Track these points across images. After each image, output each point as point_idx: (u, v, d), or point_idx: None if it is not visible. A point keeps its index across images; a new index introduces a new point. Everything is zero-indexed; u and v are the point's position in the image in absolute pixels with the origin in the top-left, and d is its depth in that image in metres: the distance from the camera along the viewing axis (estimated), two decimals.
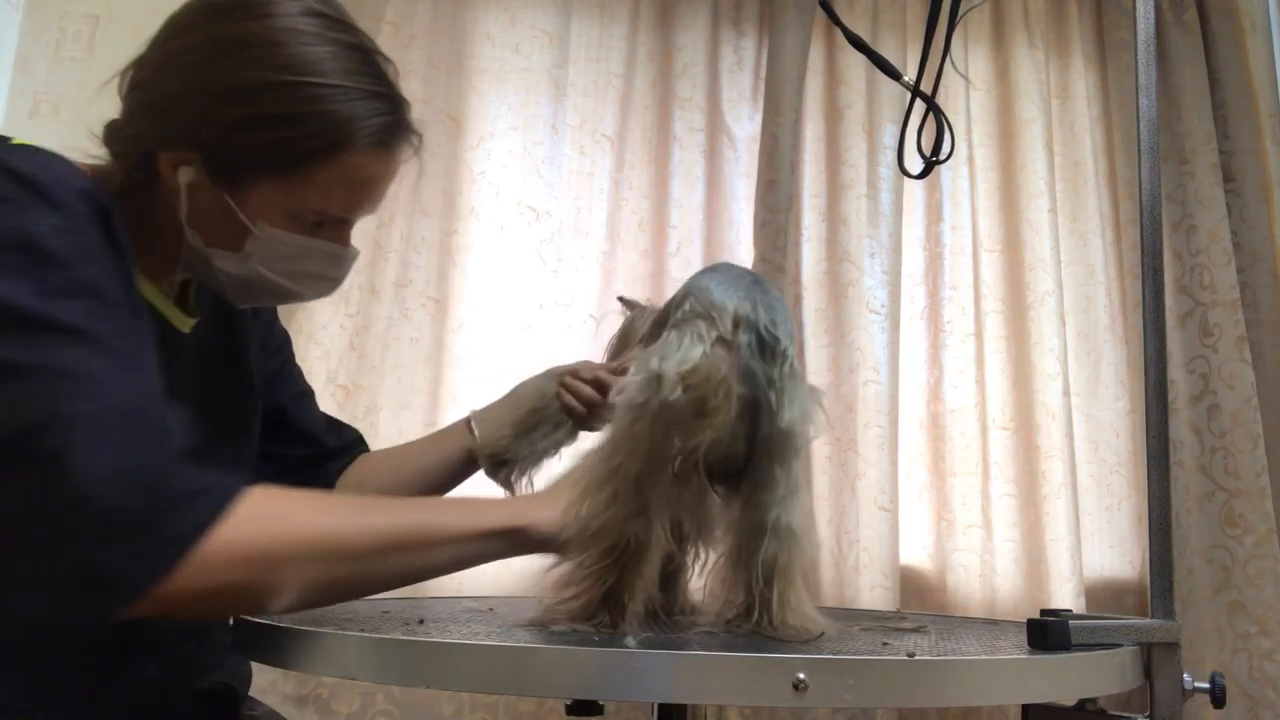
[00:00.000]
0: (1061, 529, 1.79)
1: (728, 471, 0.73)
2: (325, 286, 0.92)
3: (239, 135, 0.80)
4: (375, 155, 0.85)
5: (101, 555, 0.62)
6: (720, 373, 0.70)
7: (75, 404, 0.64)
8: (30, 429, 0.63)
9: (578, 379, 1.07)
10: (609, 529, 0.71)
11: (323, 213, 0.85)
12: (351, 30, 0.85)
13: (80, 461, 0.62)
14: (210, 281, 0.89)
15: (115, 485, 0.63)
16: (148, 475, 0.65)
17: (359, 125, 0.82)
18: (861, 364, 1.83)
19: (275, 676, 1.54)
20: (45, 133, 1.66)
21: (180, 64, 0.81)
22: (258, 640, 0.74)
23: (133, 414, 0.67)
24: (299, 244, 0.85)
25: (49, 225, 0.68)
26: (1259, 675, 1.80)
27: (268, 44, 0.80)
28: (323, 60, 0.81)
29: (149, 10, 0.87)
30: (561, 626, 0.71)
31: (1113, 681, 0.72)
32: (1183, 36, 2.08)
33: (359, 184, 0.86)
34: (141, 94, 0.83)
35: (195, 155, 0.81)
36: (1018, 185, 1.97)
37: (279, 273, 0.86)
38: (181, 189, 0.82)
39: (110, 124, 0.85)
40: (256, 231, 0.83)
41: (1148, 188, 0.85)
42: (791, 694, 0.58)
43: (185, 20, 0.83)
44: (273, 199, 0.83)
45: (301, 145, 0.81)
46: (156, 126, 0.82)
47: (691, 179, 1.90)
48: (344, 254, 0.90)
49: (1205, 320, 1.96)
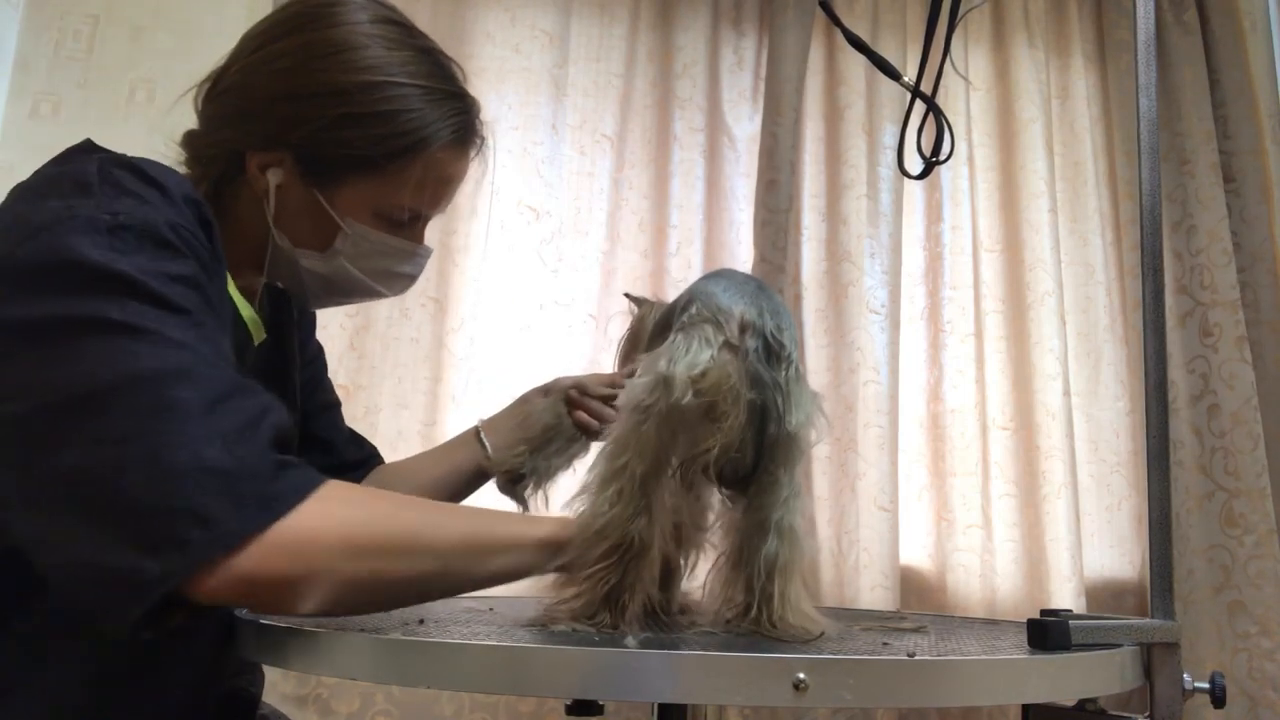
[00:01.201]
0: (1061, 529, 1.79)
1: (736, 475, 0.74)
2: (403, 284, 0.96)
3: (331, 134, 0.84)
4: (454, 153, 0.90)
5: (198, 500, 0.61)
6: (730, 378, 0.71)
7: (186, 365, 0.65)
8: (140, 379, 0.63)
9: (587, 394, 1.07)
10: (612, 528, 0.72)
11: (408, 208, 0.89)
12: (421, 36, 0.91)
13: (186, 417, 0.63)
14: (292, 284, 0.93)
15: (214, 443, 0.63)
16: (245, 441, 0.65)
17: (441, 124, 0.87)
18: (861, 364, 1.83)
19: (275, 676, 1.54)
20: (45, 133, 1.67)
21: (269, 70, 0.85)
22: (258, 640, 0.74)
23: (237, 389, 0.67)
24: (384, 241, 0.90)
25: (167, 220, 0.70)
26: (1259, 675, 1.80)
27: (353, 48, 0.85)
28: (404, 63, 0.86)
29: (149, 10, 0.88)
30: (562, 626, 0.72)
31: (1113, 681, 0.72)
32: (1183, 36, 2.08)
33: (440, 181, 0.90)
34: (228, 100, 0.87)
35: (286, 155, 0.85)
36: (1018, 185, 1.97)
37: (365, 270, 0.91)
38: (270, 190, 0.85)
39: (190, 133, 0.89)
40: (346, 229, 0.87)
41: (1148, 188, 0.85)
42: (791, 694, 0.58)
43: (269, 31, 0.88)
44: (362, 196, 0.87)
45: (390, 143, 0.85)
46: (246, 130, 0.86)
47: (691, 179, 1.90)
48: (421, 252, 0.94)
49: (1205, 320, 1.96)
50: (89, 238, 0.66)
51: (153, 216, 0.69)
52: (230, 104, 0.87)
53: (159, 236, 0.69)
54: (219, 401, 0.65)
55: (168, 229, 0.70)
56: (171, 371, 0.64)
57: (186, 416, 0.63)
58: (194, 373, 0.65)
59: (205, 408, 0.64)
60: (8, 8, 1.69)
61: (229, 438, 0.64)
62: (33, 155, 0.78)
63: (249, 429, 0.66)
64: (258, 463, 0.65)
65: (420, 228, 0.94)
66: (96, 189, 0.69)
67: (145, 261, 0.67)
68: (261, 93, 0.85)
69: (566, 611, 0.73)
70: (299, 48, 0.85)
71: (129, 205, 0.69)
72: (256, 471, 0.64)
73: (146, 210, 0.70)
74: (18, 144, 1.64)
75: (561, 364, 1.78)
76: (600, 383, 1.08)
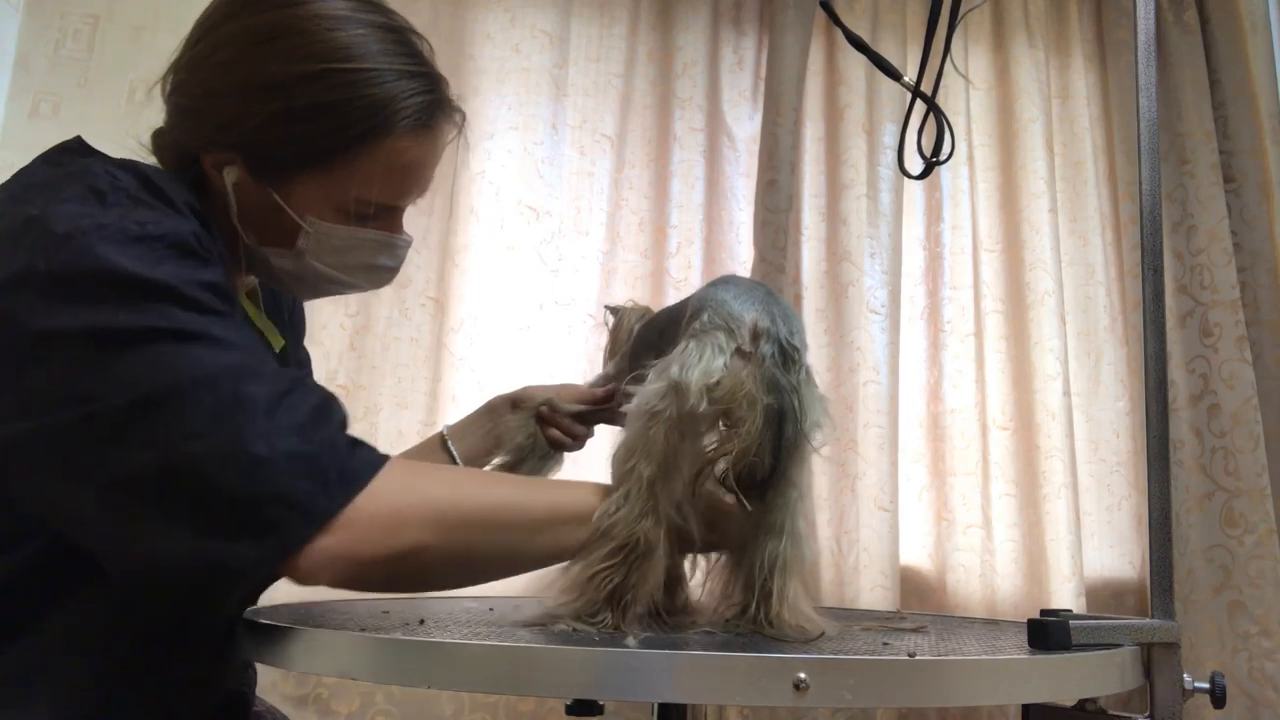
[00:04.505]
0: (1061, 529, 1.79)
1: (754, 479, 0.74)
2: (382, 276, 0.90)
3: (275, 130, 0.79)
4: (417, 137, 0.83)
5: (285, 485, 0.63)
6: (745, 385, 0.72)
7: (246, 363, 0.67)
8: (204, 378, 0.64)
9: (558, 411, 1.06)
10: (619, 528, 0.72)
11: (369, 202, 0.83)
12: (382, 10, 0.83)
13: (258, 411, 0.64)
14: (272, 281, 0.90)
15: (290, 433, 0.65)
16: (318, 427, 0.67)
17: (398, 108, 0.80)
18: (861, 364, 1.83)
19: (275, 676, 1.54)
20: (45, 133, 1.67)
21: (211, 63, 0.80)
22: (258, 640, 0.74)
23: (297, 383, 0.69)
24: (350, 236, 0.84)
25: (191, 231, 0.70)
26: (1259, 675, 1.80)
27: (295, 33, 0.78)
28: (354, 44, 0.79)
29: (149, 10, 0.87)
30: (563, 626, 0.72)
31: (1113, 681, 0.72)
32: (1183, 36, 2.08)
33: (403, 168, 0.83)
34: (179, 97, 0.83)
35: (236, 155, 0.80)
36: (1018, 185, 1.97)
37: (334, 266, 0.86)
38: (229, 190, 0.81)
39: (156, 132, 0.85)
40: (307, 227, 0.83)
41: (1148, 188, 0.85)
42: (792, 694, 0.58)
43: (213, 18, 0.82)
44: (318, 192, 0.82)
45: (340, 134, 0.79)
46: (195, 129, 0.81)
47: (691, 179, 1.90)
48: (396, 242, 0.88)
49: (1205, 320, 1.96)
50: (119, 247, 0.66)
51: (178, 227, 0.70)
52: (180, 102, 0.82)
53: (186, 246, 0.69)
54: (285, 394, 0.67)
55: (192, 239, 0.70)
56: (235, 369, 0.66)
57: (258, 411, 0.64)
58: (254, 369, 0.67)
59: (274, 400, 0.65)
60: (8, 8, 1.69)
61: (303, 426, 0.66)
62: (32, 155, 0.78)
63: (319, 416, 0.68)
64: (333, 445, 0.67)
65: (395, 217, 0.88)
66: (111, 197, 0.69)
67: (177, 270, 0.67)
68: (203, 89, 0.80)
69: (569, 611, 0.73)
70: (237, 37, 0.79)
71: (150, 216, 0.69)
72: (334, 452, 0.66)
73: (170, 221, 0.70)
74: (18, 144, 1.64)
75: (561, 364, 1.78)
76: (572, 398, 1.07)
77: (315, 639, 0.68)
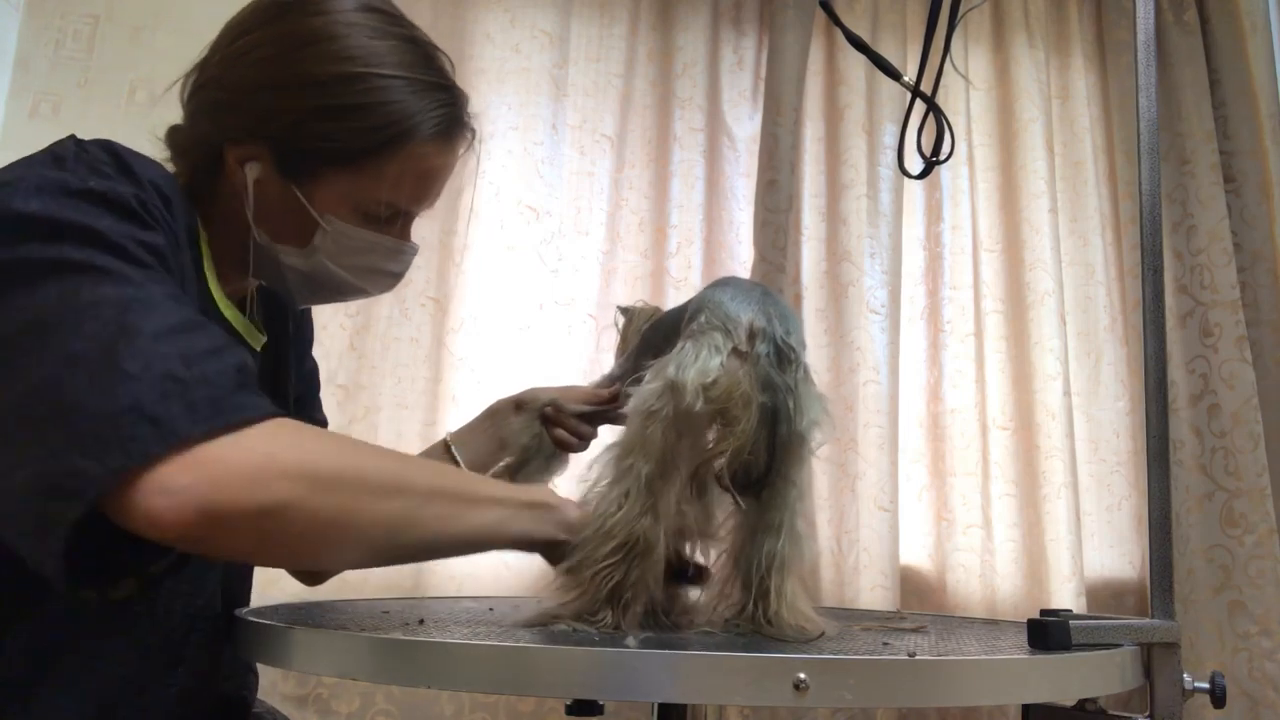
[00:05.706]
0: (1061, 529, 1.79)
1: (749, 478, 0.75)
2: (388, 282, 0.92)
3: (308, 126, 0.81)
4: (438, 146, 0.86)
5: (149, 401, 0.58)
6: (740, 385, 0.72)
7: (149, 297, 0.64)
8: (98, 304, 0.62)
9: (563, 411, 1.06)
10: (618, 527, 0.73)
11: (389, 205, 0.86)
12: (408, 25, 0.87)
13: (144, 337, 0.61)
14: (276, 282, 0.90)
15: (171, 358, 0.60)
16: (205, 361, 0.62)
17: (424, 116, 0.84)
18: (861, 364, 1.83)
19: (275, 676, 1.54)
20: (45, 133, 1.67)
21: (248, 60, 0.83)
22: (258, 640, 0.74)
23: (200, 325, 0.66)
24: (365, 238, 0.86)
25: (135, 194, 0.69)
26: (1259, 675, 1.80)
27: (332, 38, 0.82)
28: (386, 53, 0.83)
29: (149, 10, 0.87)
30: (563, 625, 0.72)
31: (1113, 681, 0.72)
32: (1183, 37, 2.08)
33: (423, 175, 0.87)
34: (208, 93, 0.85)
35: (264, 149, 0.82)
36: (1018, 185, 1.97)
37: (345, 268, 0.88)
38: (249, 185, 0.83)
39: (173, 128, 0.87)
40: (325, 225, 0.84)
41: (1148, 188, 0.85)
42: (792, 694, 0.58)
43: (249, 20, 0.85)
44: (341, 191, 0.84)
45: (371, 135, 0.82)
46: (225, 122, 0.83)
47: (691, 179, 1.90)
48: (406, 249, 0.91)
49: (1205, 320, 1.96)
50: (55, 199, 0.65)
51: (122, 189, 0.69)
52: (210, 96, 0.84)
53: (127, 207, 0.68)
54: (183, 329, 0.63)
55: (135, 202, 0.69)
56: (131, 300, 0.62)
57: (143, 336, 0.61)
58: (157, 303, 0.64)
59: (166, 330, 0.62)
60: (8, 8, 1.69)
61: (188, 356, 0.61)
62: None
63: (211, 354, 0.63)
64: (216, 377, 0.62)
65: (406, 224, 0.91)
66: (70, 163, 0.69)
67: (113, 223, 0.66)
68: (239, 84, 0.83)
69: (569, 610, 0.73)
70: (278, 37, 0.83)
71: (99, 179, 0.68)
72: (215, 383, 0.61)
73: (120, 185, 0.69)
74: (18, 144, 1.64)
75: (561, 364, 1.78)
76: (577, 399, 1.07)
77: (315, 639, 0.68)
